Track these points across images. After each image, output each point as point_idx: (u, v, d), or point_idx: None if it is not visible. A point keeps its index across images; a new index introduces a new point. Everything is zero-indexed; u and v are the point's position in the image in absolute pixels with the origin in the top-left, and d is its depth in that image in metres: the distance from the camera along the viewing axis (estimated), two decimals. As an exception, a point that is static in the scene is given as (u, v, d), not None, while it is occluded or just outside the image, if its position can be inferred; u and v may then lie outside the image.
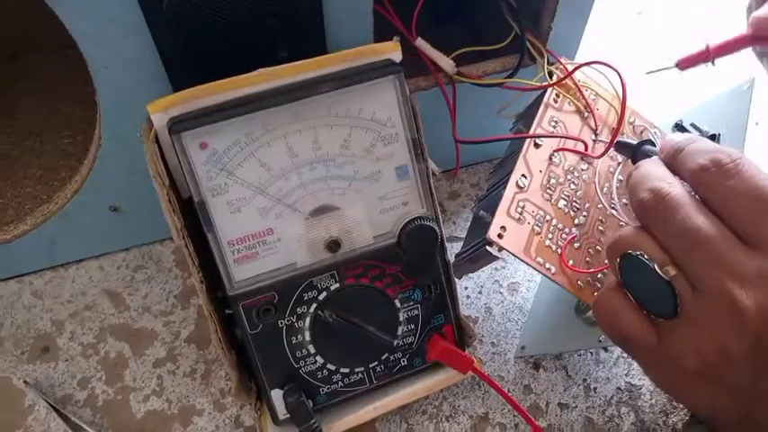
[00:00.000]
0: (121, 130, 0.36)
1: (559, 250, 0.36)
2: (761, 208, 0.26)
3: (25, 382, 0.40)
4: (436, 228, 0.34)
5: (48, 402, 0.39)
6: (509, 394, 0.36)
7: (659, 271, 0.28)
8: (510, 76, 0.42)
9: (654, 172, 0.30)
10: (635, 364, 0.41)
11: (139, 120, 0.31)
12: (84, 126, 0.48)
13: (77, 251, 0.45)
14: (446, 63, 0.40)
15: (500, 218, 0.35)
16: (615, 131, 0.39)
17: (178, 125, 0.29)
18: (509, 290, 0.44)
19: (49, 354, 0.41)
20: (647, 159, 0.32)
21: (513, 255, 0.34)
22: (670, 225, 0.28)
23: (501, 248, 0.34)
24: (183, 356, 0.41)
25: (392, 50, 0.33)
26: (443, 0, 0.49)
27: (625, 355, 0.41)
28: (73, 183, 0.40)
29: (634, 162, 0.35)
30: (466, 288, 0.44)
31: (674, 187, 0.29)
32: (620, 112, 0.39)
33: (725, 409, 0.28)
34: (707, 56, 0.38)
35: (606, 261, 0.37)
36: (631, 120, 0.43)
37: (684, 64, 0.39)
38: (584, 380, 0.40)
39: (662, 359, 0.29)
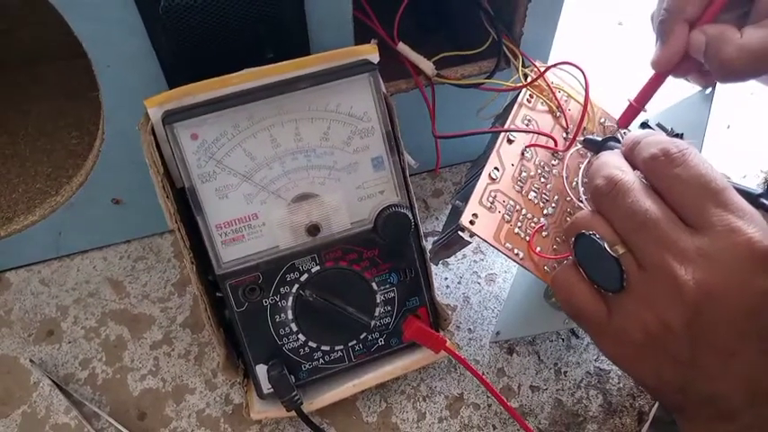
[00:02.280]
0: (123, 126, 0.39)
1: (528, 238, 0.38)
2: (702, 193, 0.29)
3: (31, 361, 0.43)
4: (410, 214, 0.36)
5: (51, 380, 0.42)
6: (481, 375, 0.39)
7: (609, 249, 0.30)
8: (488, 79, 0.45)
9: (610, 161, 0.33)
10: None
11: (138, 115, 0.34)
12: (91, 127, 0.52)
13: (82, 242, 0.48)
14: (426, 65, 0.43)
15: (472, 206, 0.37)
16: (579, 124, 0.42)
17: (171, 117, 0.32)
18: (486, 280, 0.47)
19: (53, 336, 0.44)
20: (607, 151, 0.35)
21: (484, 240, 0.37)
22: (620, 208, 0.30)
23: (472, 234, 0.37)
24: (178, 339, 0.44)
25: (370, 52, 0.36)
26: (426, 9, 0.52)
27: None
28: (78, 176, 0.43)
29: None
30: (446, 278, 0.47)
31: (626, 174, 0.31)
32: (583, 106, 0.42)
33: (668, 380, 0.30)
34: (636, 109, 0.41)
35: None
36: (602, 120, 0.45)
37: (622, 122, 0.43)
38: (555, 364, 0.42)
39: (611, 332, 0.31)
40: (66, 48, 0.56)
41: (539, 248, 0.38)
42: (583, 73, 0.41)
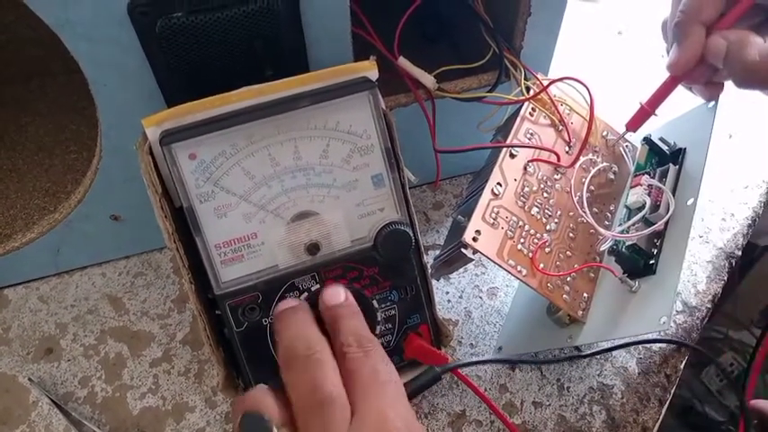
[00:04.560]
0: (120, 144, 0.38)
1: (531, 254, 0.38)
2: (367, 383, 0.30)
3: (30, 380, 0.42)
4: (410, 232, 0.36)
5: (50, 399, 0.41)
6: (483, 392, 0.38)
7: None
8: (489, 92, 0.44)
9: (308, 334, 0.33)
10: (607, 365, 0.42)
11: (135, 134, 0.34)
12: (90, 143, 0.51)
13: (81, 258, 0.47)
14: (427, 79, 0.42)
15: (475, 222, 0.37)
16: (584, 141, 0.41)
17: (168, 137, 0.32)
18: (488, 295, 0.46)
19: (52, 354, 0.44)
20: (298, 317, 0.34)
21: (487, 257, 0.36)
22: (305, 382, 0.30)
23: (475, 251, 0.36)
24: (177, 357, 0.44)
25: (369, 69, 0.35)
26: (426, 19, 0.52)
27: (598, 356, 0.42)
28: (77, 193, 0.43)
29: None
30: (447, 293, 0.46)
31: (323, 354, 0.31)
32: (588, 121, 0.41)
33: None
34: (647, 112, 0.41)
35: (575, 265, 0.39)
36: (604, 134, 0.45)
37: (632, 125, 0.42)
38: (558, 380, 0.42)
39: None
40: (65, 62, 0.55)
41: (542, 265, 0.38)
42: (588, 89, 0.40)
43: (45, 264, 0.46)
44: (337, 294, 0.35)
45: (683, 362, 0.43)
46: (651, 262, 0.38)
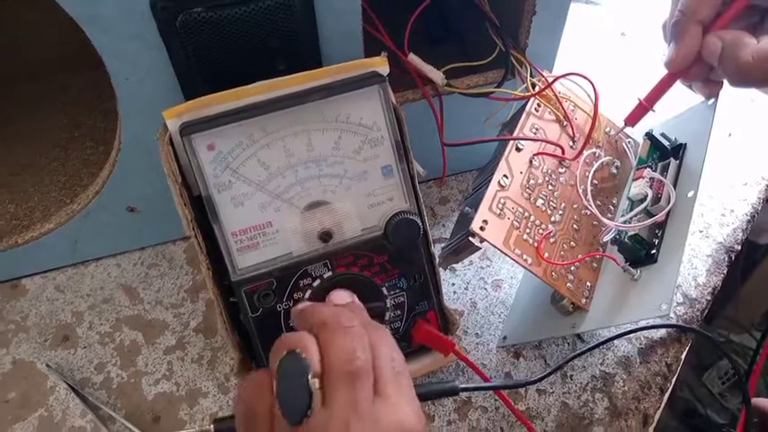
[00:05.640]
0: (140, 136, 0.40)
1: (536, 244, 0.39)
2: (386, 370, 0.30)
3: (48, 366, 0.44)
4: (418, 220, 0.37)
5: (68, 384, 0.43)
6: (489, 377, 0.39)
7: (310, 380, 0.28)
8: (496, 88, 0.46)
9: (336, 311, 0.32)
10: (609, 354, 0.44)
11: (155, 126, 0.35)
12: (106, 137, 0.53)
13: (97, 249, 0.49)
14: (436, 75, 0.44)
15: (482, 212, 0.38)
16: (588, 136, 0.43)
17: (188, 129, 0.34)
18: (493, 286, 0.47)
19: (69, 341, 0.45)
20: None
21: (493, 245, 0.38)
22: (341, 347, 0.29)
23: (482, 240, 0.38)
24: (191, 344, 0.45)
25: (380, 64, 0.37)
26: (433, 19, 0.53)
27: (601, 345, 0.44)
28: (94, 185, 0.44)
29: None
30: (453, 284, 0.47)
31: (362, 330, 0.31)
32: (592, 117, 0.43)
33: None
34: (645, 108, 0.42)
35: (579, 255, 0.41)
36: (607, 129, 0.46)
37: (630, 120, 0.43)
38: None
39: None
40: (81, 59, 0.57)
41: (546, 254, 0.39)
42: (592, 84, 0.42)
43: (62, 254, 0.48)
44: (344, 296, 0.36)
45: (684, 351, 0.44)
46: (653, 251, 0.39)
